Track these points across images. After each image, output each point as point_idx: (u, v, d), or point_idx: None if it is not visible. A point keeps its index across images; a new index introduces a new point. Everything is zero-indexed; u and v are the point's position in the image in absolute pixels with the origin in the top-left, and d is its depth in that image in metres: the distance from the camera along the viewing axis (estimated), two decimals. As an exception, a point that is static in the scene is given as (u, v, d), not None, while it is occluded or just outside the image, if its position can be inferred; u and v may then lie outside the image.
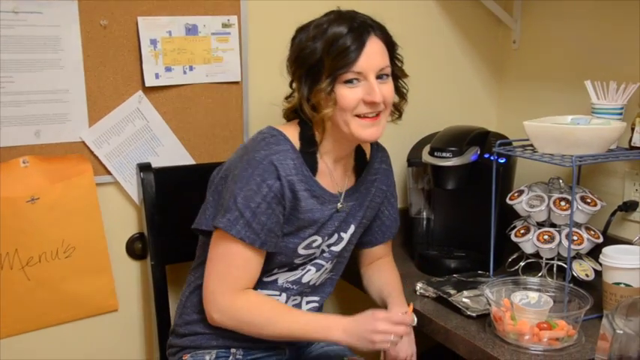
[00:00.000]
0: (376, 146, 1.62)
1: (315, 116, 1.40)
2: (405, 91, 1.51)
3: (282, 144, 1.42)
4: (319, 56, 1.36)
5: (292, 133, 1.45)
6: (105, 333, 1.80)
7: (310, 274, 1.53)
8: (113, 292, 1.77)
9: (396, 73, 1.46)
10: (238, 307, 1.41)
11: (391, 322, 1.36)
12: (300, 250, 1.47)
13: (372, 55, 1.36)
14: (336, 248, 1.54)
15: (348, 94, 1.36)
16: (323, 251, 1.52)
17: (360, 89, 1.37)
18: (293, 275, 1.51)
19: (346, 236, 1.54)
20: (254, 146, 1.42)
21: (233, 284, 1.41)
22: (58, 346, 1.74)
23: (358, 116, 1.39)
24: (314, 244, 1.49)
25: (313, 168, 1.45)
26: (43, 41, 1.58)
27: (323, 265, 1.54)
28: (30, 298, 1.65)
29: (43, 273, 1.65)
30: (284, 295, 1.51)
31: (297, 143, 1.44)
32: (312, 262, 1.52)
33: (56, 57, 1.60)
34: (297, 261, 1.49)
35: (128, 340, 1.84)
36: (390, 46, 1.43)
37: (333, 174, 1.49)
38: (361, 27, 1.36)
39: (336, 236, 1.52)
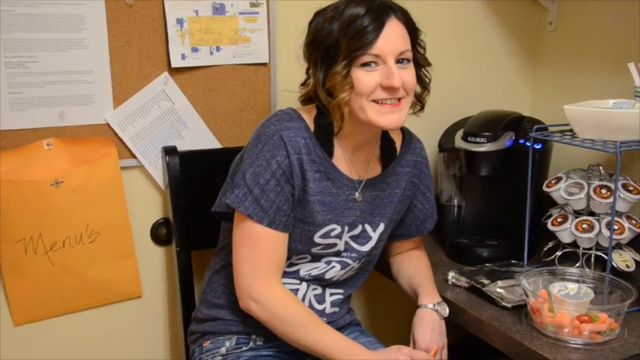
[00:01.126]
0: (409, 137, 1.56)
1: (330, 102, 1.34)
2: (427, 80, 1.44)
3: (295, 121, 1.37)
4: (335, 38, 1.30)
5: (309, 114, 1.41)
6: (129, 319, 1.78)
7: (335, 271, 1.48)
8: (137, 278, 1.74)
9: (419, 61, 1.39)
10: (276, 298, 1.37)
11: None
12: (317, 239, 1.42)
13: (392, 37, 1.30)
14: (365, 248, 1.49)
15: (364, 78, 1.30)
16: (347, 245, 1.47)
17: (378, 73, 1.31)
18: (315, 269, 1.47)
19: (375, 235, 1.49)
20: (266, 122, 1.39)
21: (265, 268, 1.37)
22: (82, 332, 1.73)
23: (375, 102, 1.32)
24: (332, 233, 1.44)
25: (329, 151, 1.40)
26: (68, 20, 1.54)
27: (349, 264, 1.49)
28: (53, 284, 1.63)
29: (67, 258, 1.62)
30: (304, 284, 1.48)
31: (312, 125, 1.39)
32: (338, 258, 1.47)
33: (80, 36, 1.56)
34: (316, 250, 1.45)
35: (152, 327, 1.82)
36: (412, 30, 1.36)
37: (350, 160, 1.44)
38: (380, 8, 1.30)
39: (359, 228, 1.47)
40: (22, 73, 1.52)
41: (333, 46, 1.32)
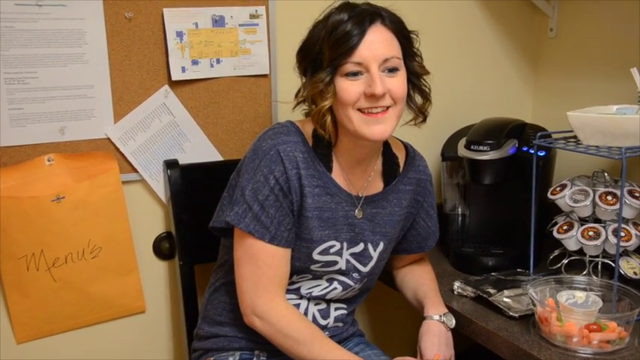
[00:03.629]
0: (412, 154, 1.54)
1: (313, 109, 1.32)
2: (427, 90, 1.40)
3: (292, 135, 1.35)
4: (319, 45, 1.29)
5: (309, 128, 1.39)
6: (132, 335, 1.76)
7: (336, 293, 1.47)
8: (140, 293, 1.73)
9: (415, 70, 1.36)
10: (279, 315, 1.36)
11: None
12: (316, 256, 1.40)
13: (375, 43, 1.27)
14: (366, 269, 1.47)
15: (348, 87, 1.27)
16: (349, 264, 1.44)
17: (362, 82, 1.28)
18: (317, 287, 1.45)
19: (375, 254, 1.47)
20: (263, 136, 1.37)
21: (268, 285, 1.35)
22: (85, 349, 1.71)
23: (361, 111, 1.29)
24: (332, 250, 1.41)
25: (327, 166, 1.38)
26: (67, 35, 1.53)
27: (351, 286, 1.47)
28: (56, 300, 1.61)
29: (70, 274, 1.61)
30: (304, 299, 1.46)
31: (310, 139, 1.37)
32: (341, 278, 1.45)
33: (80, 51, 1.55)
34: (316, 268, 1.42)
35: (156, 342, 1.80)
36: (404, 38, 1.33)
37: (349, 175, 1.42)
38: (364, 14, 1.28)
39: (361, 246, 1.45)
40: (22, 89, 1.52)
41: (318, 55, 1.30)
